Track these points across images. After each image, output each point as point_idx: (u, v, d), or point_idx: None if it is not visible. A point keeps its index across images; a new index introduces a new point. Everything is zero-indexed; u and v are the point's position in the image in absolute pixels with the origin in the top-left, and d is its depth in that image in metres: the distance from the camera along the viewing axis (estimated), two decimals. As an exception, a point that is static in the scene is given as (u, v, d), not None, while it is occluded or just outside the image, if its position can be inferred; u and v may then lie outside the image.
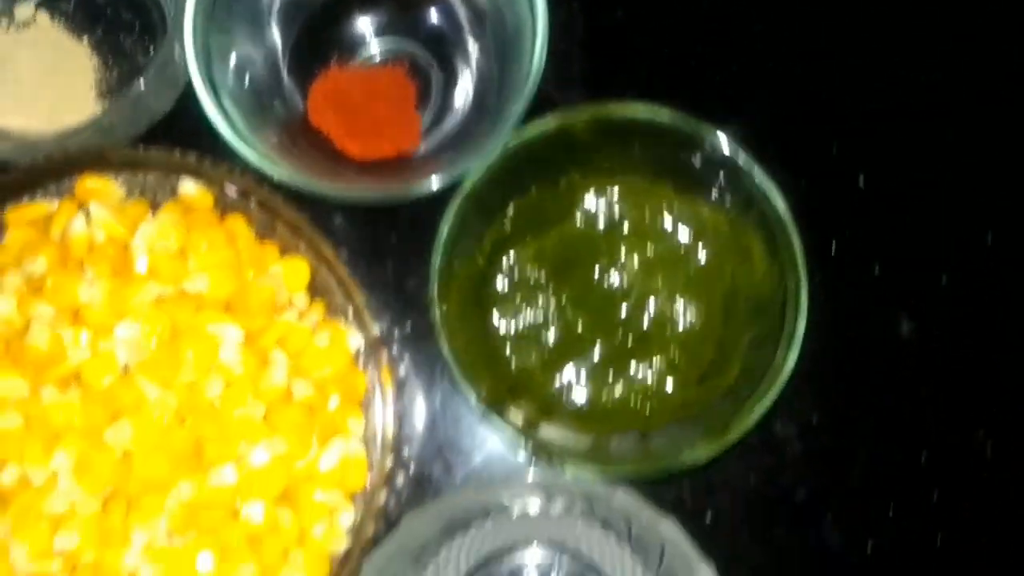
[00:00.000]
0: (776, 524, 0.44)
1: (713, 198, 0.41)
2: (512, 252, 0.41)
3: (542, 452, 0.37)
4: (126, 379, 0.36)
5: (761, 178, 0.38)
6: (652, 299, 0.42)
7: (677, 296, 0.42)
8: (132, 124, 0.42)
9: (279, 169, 0.37)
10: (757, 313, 0.40)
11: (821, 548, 0.44)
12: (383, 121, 0.42)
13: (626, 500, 0.36)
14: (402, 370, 0.40)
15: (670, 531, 0.36)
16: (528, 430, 0.38)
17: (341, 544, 0.38)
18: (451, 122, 0.43)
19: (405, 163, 0.42)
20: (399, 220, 0.43)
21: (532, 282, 0.41)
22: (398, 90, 0.43)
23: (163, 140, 0.41)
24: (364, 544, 0.37)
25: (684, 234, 0.41)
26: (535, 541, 0.41)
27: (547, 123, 0.38)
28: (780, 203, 0.38)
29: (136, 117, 0.41)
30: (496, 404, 0.37)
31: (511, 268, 0.41)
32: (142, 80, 0.40)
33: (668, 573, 0.37)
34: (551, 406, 0.40)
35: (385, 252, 0.43)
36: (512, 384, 0.40)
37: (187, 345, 0.36)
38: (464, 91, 0.43)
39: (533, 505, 0.38)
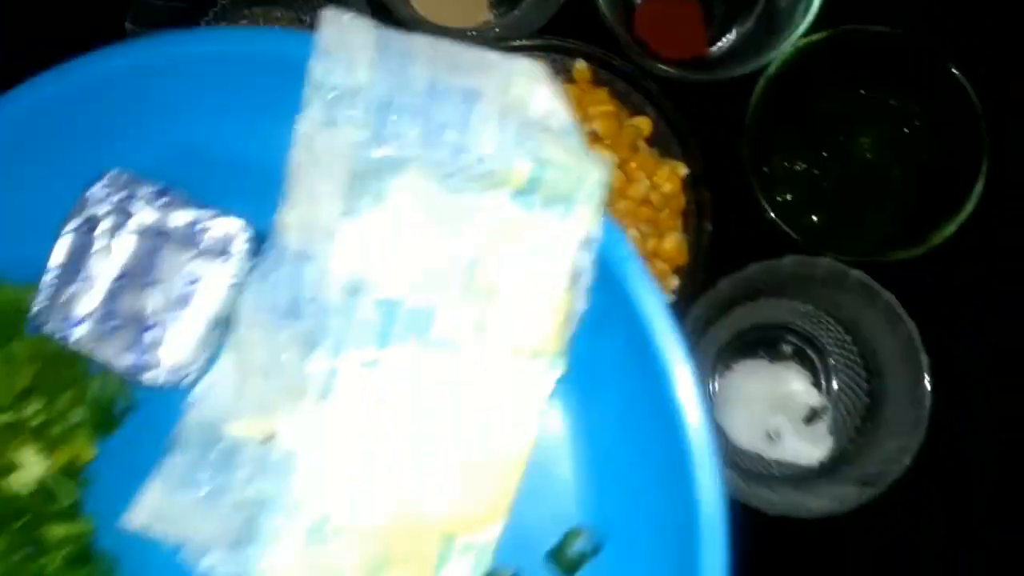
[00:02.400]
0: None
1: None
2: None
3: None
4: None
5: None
6: (870, 161, 0.62)
7: (888, 158, 0.62)
8: (534, 22, 0.62)
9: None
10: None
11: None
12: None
13: (861, 275, 0.58)
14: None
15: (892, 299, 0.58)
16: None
17: (669, 300, 0.60)
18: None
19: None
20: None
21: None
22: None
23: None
24: (685, 300, 0.59)
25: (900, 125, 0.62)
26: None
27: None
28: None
29: (537, 17, 0.62)
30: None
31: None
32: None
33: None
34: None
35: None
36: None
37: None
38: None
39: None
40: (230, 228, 0.49)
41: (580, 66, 0.61)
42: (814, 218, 0.62)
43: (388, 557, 0.44)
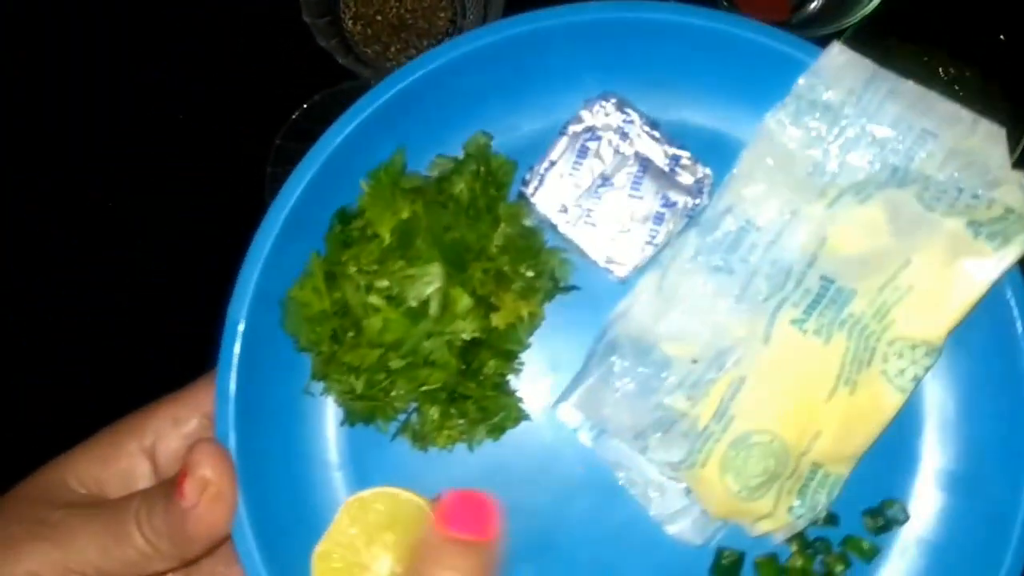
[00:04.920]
0: None
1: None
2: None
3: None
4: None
5: None
6: None
7: None
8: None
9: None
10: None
11: None
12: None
13: None
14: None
15: None
16: None
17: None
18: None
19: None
20: None
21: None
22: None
23: None
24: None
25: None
26: None
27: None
28: None
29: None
30: None
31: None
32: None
33: None
34: None
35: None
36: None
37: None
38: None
39: None
40: (701, 173, 0.59)
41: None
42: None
43: (776, 472, 0.55)
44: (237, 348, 0.56)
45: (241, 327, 0.56)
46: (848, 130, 0.57)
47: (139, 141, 0.87)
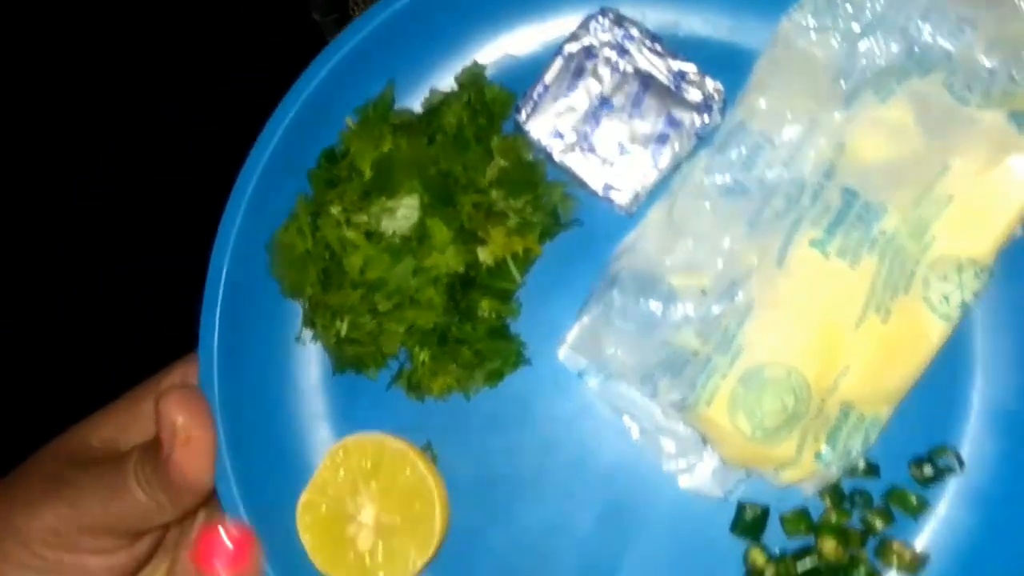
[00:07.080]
0: None
1: None
2: None
3: None
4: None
5: None
6: None
7: None
8: None
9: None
10: None
11: None
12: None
13: None
14: None
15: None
16: None
17: None
18: None
19: None
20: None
21: None
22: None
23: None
24: None
25: None
26: None
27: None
28: None
29: None
30: None
31: None
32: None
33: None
34: None
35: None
36: None
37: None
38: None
39: None
40: (711, 88, 0.54)
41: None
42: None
43: (797, 412, 0.49)
44: (220, 293, 0.54)
45: (224, 271, 0.54)
46: (876, 27, 0.51)
47: (142, 142, 0.88)
